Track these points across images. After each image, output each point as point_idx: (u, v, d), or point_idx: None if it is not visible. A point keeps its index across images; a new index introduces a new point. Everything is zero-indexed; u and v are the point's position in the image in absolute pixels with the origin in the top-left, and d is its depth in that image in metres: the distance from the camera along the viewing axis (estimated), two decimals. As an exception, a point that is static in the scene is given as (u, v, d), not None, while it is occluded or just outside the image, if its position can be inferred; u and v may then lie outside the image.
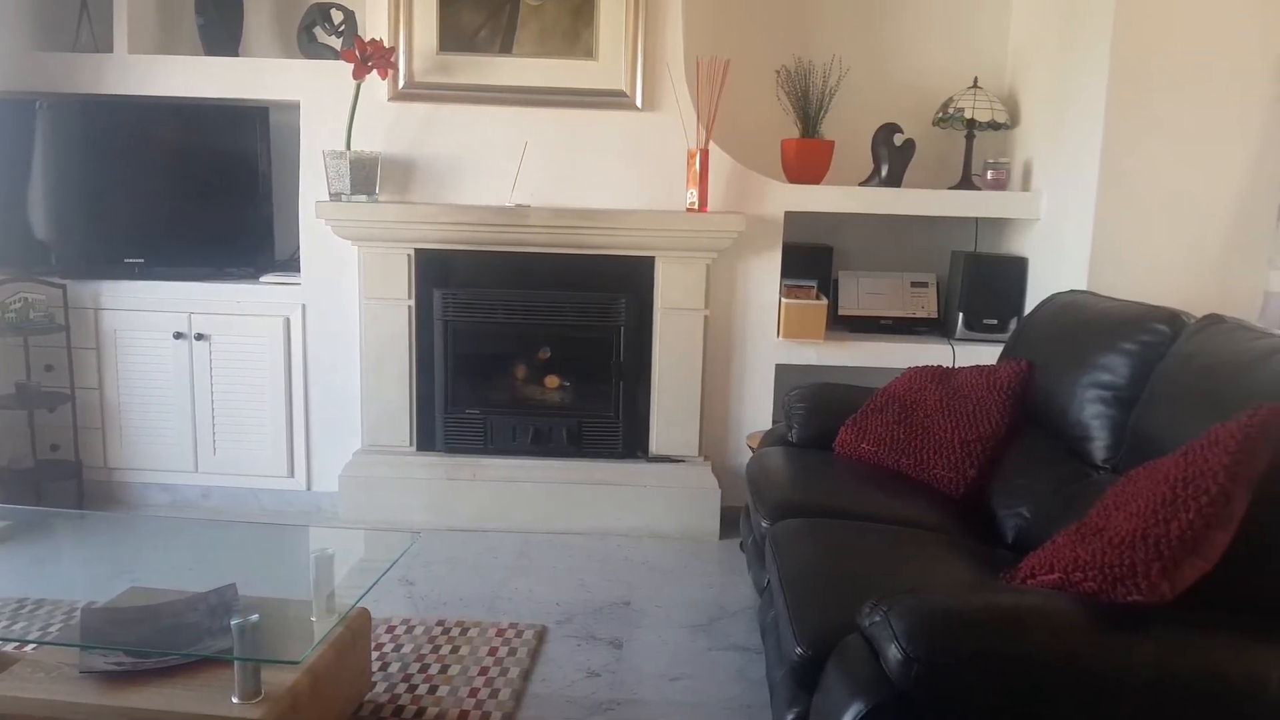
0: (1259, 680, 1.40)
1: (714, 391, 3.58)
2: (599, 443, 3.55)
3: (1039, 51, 3.51)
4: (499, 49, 3.41)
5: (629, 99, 3.41)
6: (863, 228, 3.85)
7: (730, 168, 3.44)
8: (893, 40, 3.78)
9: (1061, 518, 2.07)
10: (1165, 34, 2.90)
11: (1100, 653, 1.43)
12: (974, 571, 1.99)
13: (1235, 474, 1.52)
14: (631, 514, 3.45)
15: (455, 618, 2.77)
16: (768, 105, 3.74)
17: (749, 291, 3.53)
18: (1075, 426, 2.34)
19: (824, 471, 2.60)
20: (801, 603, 1.85)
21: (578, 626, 2.76)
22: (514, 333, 3.53)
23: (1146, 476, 1.69)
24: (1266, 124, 2.92)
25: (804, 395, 2.92)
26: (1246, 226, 2.98)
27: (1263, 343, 1.88)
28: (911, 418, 2.65)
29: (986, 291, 3.52)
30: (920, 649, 1.41)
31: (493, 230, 3.33)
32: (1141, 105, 2.94)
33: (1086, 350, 2.38)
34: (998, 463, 2.51)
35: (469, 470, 3.48)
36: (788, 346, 3.52)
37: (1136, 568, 1.51)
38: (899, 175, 3.54)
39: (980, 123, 3.52)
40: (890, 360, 3.48)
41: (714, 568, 3.21)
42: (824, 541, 2.12)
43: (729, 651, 2.65)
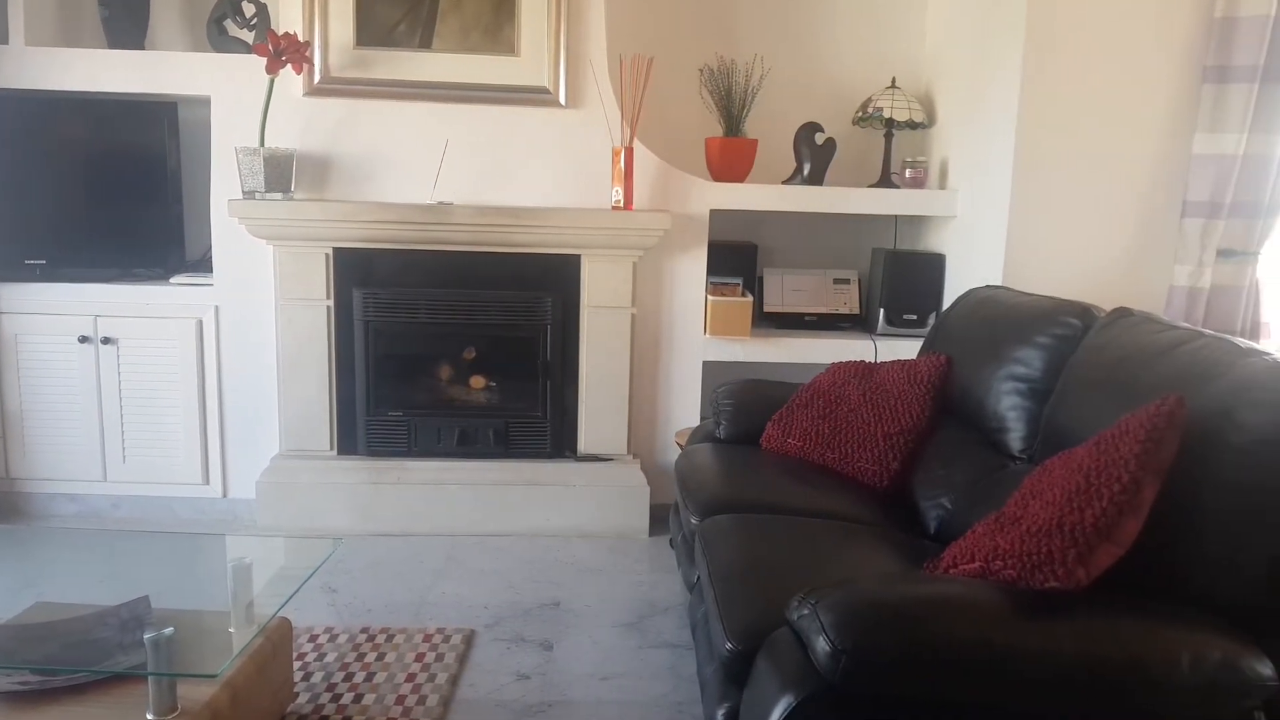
0: (1172, 662, 1.45)
1: (642, 389, 3.58)
2: (526, 443, 3.52)
3: (954, 53, 3.60)
4: (418, 44, 3.35)
5: (552, 96, 3.38)
6: (786, 225, 3.90)
7: (655, 166, 3.44)
8: (813, 40, 3.83)
9: (981, 507, 2.12)
10: (1074, 38, 2.99)
11: (1020, 639, 1.47)
12: (899, 562, 2.02)
13: (1145, 462, 1.58)
14: (560, 514, 3.43)
15: (380, 624, 2.71)
16: (692, 104, 3.75)
17: (675, 289, 3.54)
18: (992, 418, 2.40)
19: (752, 467, 2.62)
20: (731, 598, 1.86)
21: (507, 629, 2.73)
22: (438, 333, 3.48)
23: (1061, 466, 1.74)
24: (1169, 126, 3.04)
25: (731, 392, 2.94)
26: (1152, 224, 3.10)
27: (1168, 335, 1.95)
28: (836, 412, 2.69)
29: (906, 287, 3.59)
30: (848, 641, 1.43)
31: (414, 228, 3.28)
32: (1052, 106, 3.03)
33: (1002, 344, 2.45)
34: (919, 455, 2.56)
35: (393, 473, 3.42)
36: (714, 344, 3.54)
37: (1053, 555, 1.55)
38: (821, 174, 3.59)
39: (898, 122, 3.59)
40: (815, 356, 3.52)
41: (644, 566, 3.21)
42: (753, 537, 2.13)
43: (660, 649, 2.65)
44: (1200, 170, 2.99)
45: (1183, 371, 1.79)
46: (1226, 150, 2.94)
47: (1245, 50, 2.87)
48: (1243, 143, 2.92)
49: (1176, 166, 3.05)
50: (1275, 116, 2.89)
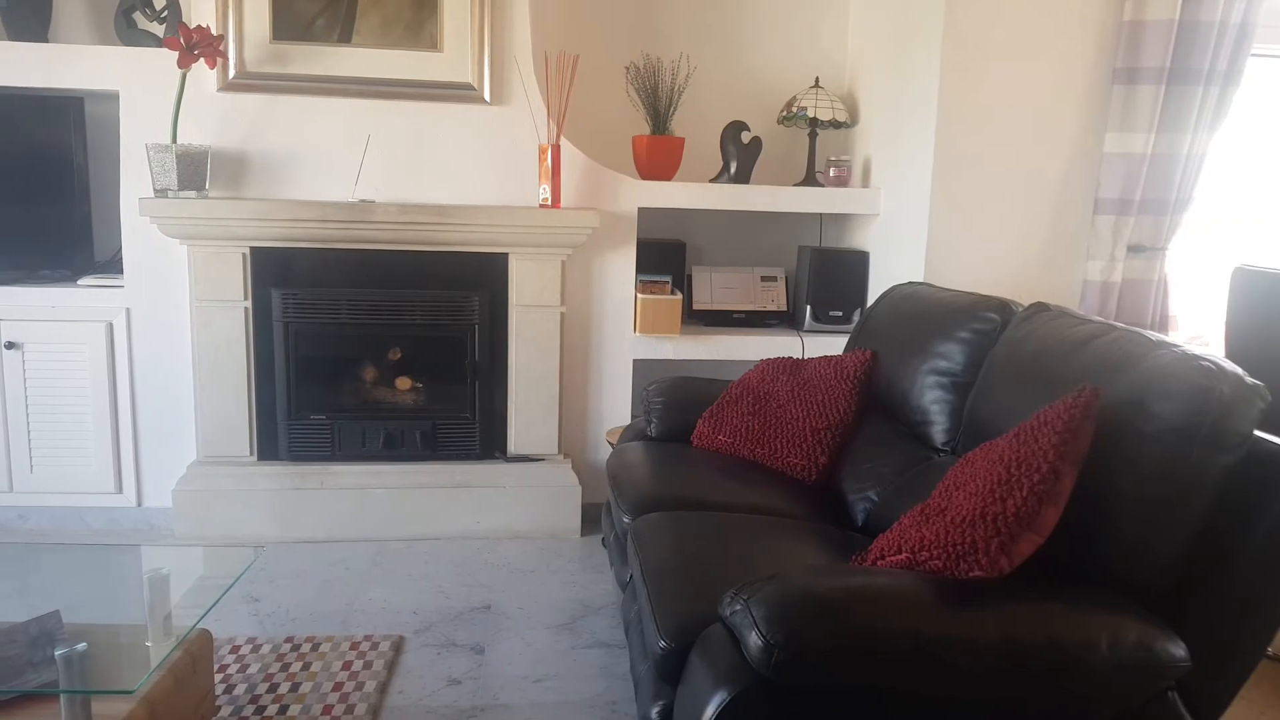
0: (1091, 645, 1.50)
1: (572, 388, 3.56)
2: (455, 444, 3.47)
3: (875, 53, 3.66)
4: (338, 38, 3.27)
5: (477, 92, 3.34)
6: (714, 223, 3.92)
7: (582, 163, 3.43)
8: (738, 39, 3.85)
9: (907, 499, 2.16)
10: (990, 40, 3.06)
11: (947, 627, 1.49)
12: (828, 555, 2.05)
13: (1063, 453, 1.62)
14: (491, 516, 3.39)
15: (305, 634, 2.65)
16: (618, 102, 3.74)
17: (605, 287, 3.53)
18: (916, 411, 2.45)
19: (683, 464, 2.62)
20: (664, 596, 1.85)
21: (437, 634, 2.69)
22: (362, 333, 3.41)
23: (983, 457, 1.78)
24: (1081, 127, 3.14)
25: (662, 389, 2.94)
26: (1066, 220, 3.19)
27: (1083, 328, 2.01)
28: (765, 408, 2.71)
29: (832, 284, 3.64)
30: (780, 634, 1.44)
31: (335, 227, 3.20)
32: (969, 107, 3.10)
33: (925, 339, 2.49)
34: (846, 449, 2.59)
35: (316, 479, 3.33)
36: (644, 341, 3.54)
37: (977, 545, 1.58)
38: (747, 172, 3.61)
39: (822, 121, 3.64)
40: (744, 353, 3.55)
41: (576, 566, 3.20)
42: (685, 534, 2.13)
43: (593, 649, 2.63)
44: (1111, 169, 3.09)
45: (1097, 364, 1.84)
46: (1135, 149, 3.04)
47: (1152, 52, 2.98)
48: (1151, 142, 3.03)
49: (1089, 165, 3.16)
50: (1181, 117, 3.00)
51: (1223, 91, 3.00)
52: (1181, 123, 3.01)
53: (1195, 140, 3.02)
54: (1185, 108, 2.99)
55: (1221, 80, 2.98)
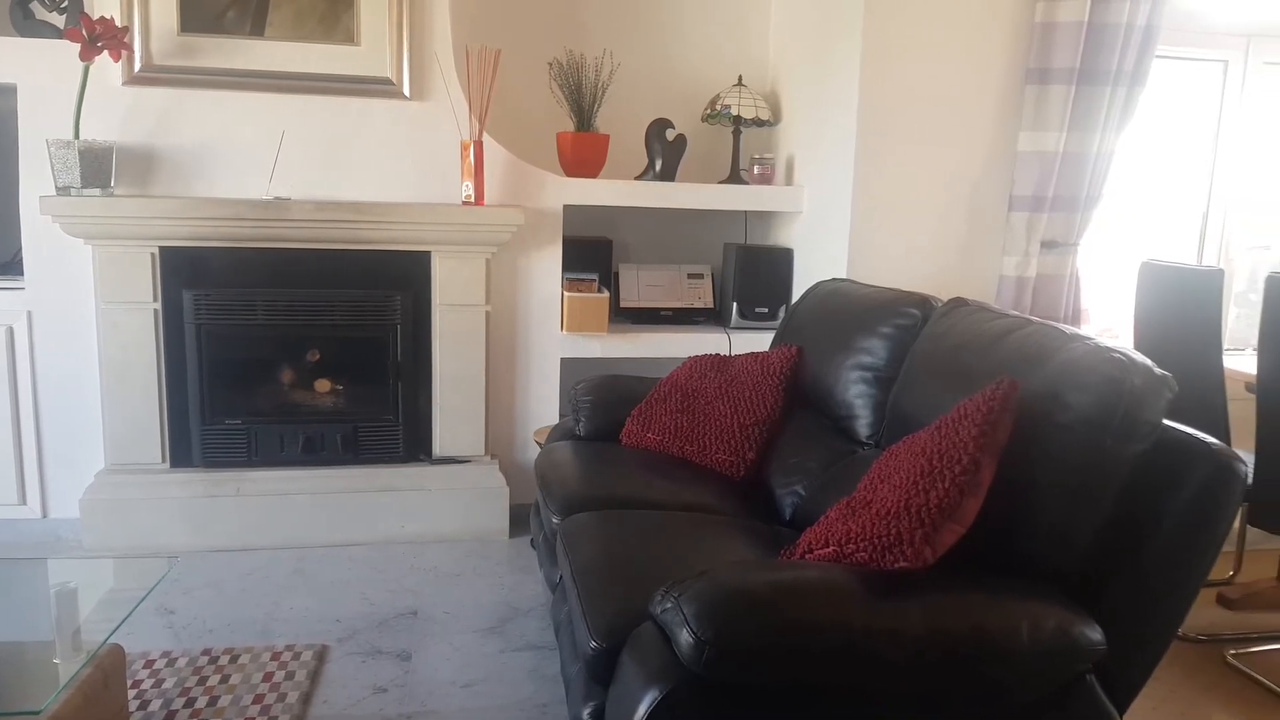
0: (1013, 632, 1.53)
1: (499, 388, 3.52)
2: (378, 447, 3.40)
3: (796, 53, 3.70)
4: (249, 31, 3.17)
5: (396, 87, 3.27)
6: (640, 221, 3.91)
7: (506, 160, 3.38)
8: (661, 37, 3.85)
9: (833, 493, 2.18)
10: (908, 40, 3.12)
11: (874, 619, 1.51)
12: (757, 551, 2.06)
13: (983, 444, 1.65)
14: (416, 520, 3.33)
15: (223, 645, 2.56)
16: (542, 98, 3.71)
17: (531, 285, 3.49)
18: (841, 406, 2.48)
19: (612, 463, 2.61)
20: (594, 596, 1.84)
21: (361, 642, 2.62)
22: (278, 335, 3.31)
23: (906, 450, 1.81)
24: (996, 126, 3.21)
25: (590, 388, 2.93)
26: (982, 217, 3.27)
27: (1000, 322, 2.05)
28: (693, 405, 2.71)
29: (757, 281, 3.67)
30: (710, 631, 1.44)
31: (249, 225, 3.10)
32: (889, 106, 3.15)
33: (848, 334, 2.53)
34: (774, 444, 2.61)
35: (232, 485, 3.23)
36: (572, 340, 3.51)
37: (902, 536, 1.60)
38: (673, 169, 3.62)
39: (746, 120, 3.66)
40: (671, 350, 3.55)
41: (504, 568, 3.16)
42: (614, 533, 2.12)
43: (523, 652, 2.60)
44: (1025, 166, 3.18)
45: (1014, 357, 1.89)
46: (1048, 148, 3.13)
47: (1062, 53, 3.07)
48: (1062, 140, 3.12)
49: (1004, 163, 3.24)
50: (1090, 116, 3.10)
51: (1130, 92, 3.10)
52: (1091, 122, 3.10)
53: (1104, 139, 3.12)
54: (1094, 107, 3.09)
55: (1128, 81, 3.09)
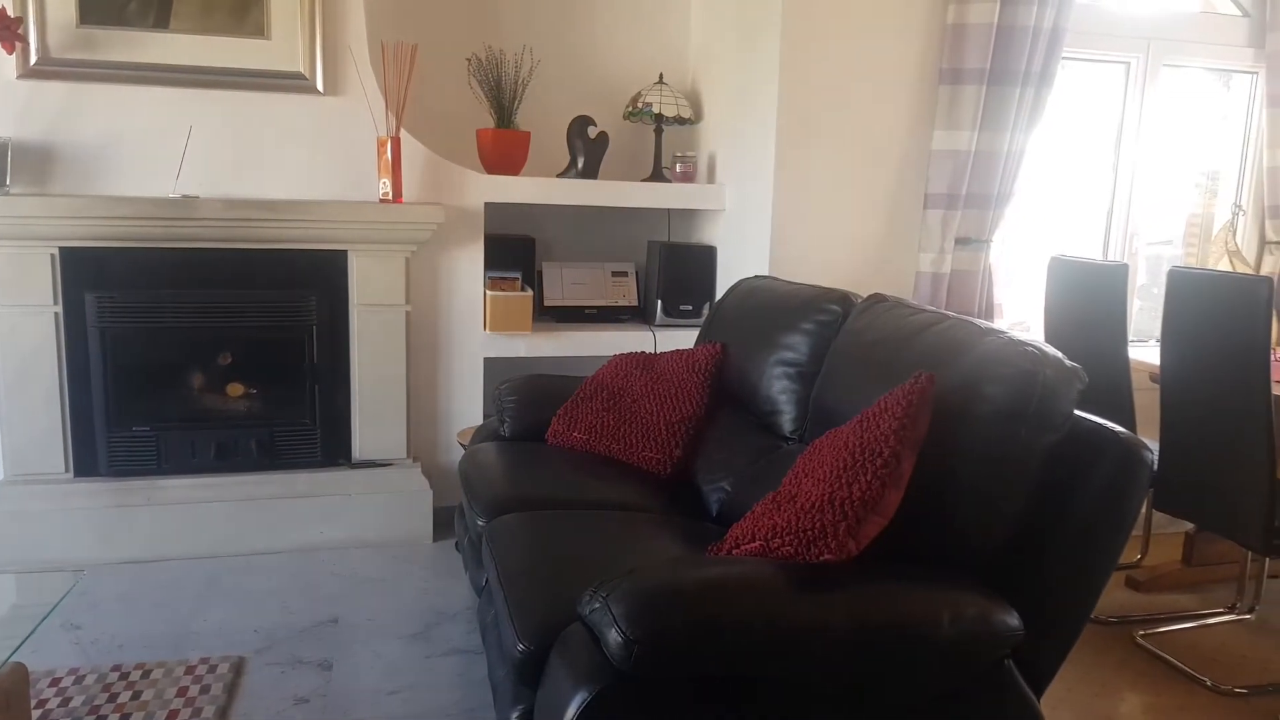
0: (934, 621, 1.56)
1: (420, 390, 3.45)
2: (295, 452, 3.31)
3: (716, 51, 3.71)
4: (153, 24, 3.05)
5: (309, 82, 3.19)
6: (563, 218, 3.88)
7: (425, 157, 3.32)
8: (581, 33, 3.83)
9: (759, 488, 2.20)
10: (826, 39, 3.16)
11: (800, 612, 1.52)
12: (685, 547, 2.06)
13: (903, 437, 1.68)
14: (336, 526, 3.25)
15: (134, 660, 2.46)
16: (461, 94, 3.66)
17: (453, 284, 3.44)
18: (765, 402, 2.49)
19: (538, 463, 2.58)
20: (521, 598, 1.81)
21: (281, 652, 2.55)
22: (188, 338, 3.19)
23: (829, 444, 1.83)
24: (912, 123, 3.28)
25: (514, 388, 2.89)
26: (899, 214, 3.33)
27: (918, 318, 2.09)
28: (619, 403, 2.70)
29: (681, 279, 3.68)
30: (639, 629, 1.43)
31: (155, 225, 2.99)
32: (808, 105, 3.19)
33: (771, 331, 2.55)
34: (700, 441, 2.62)
35: (141, 494, 3.11)
36: (495, 339, 3.47)
37: (826, 529, 1.62)
38: (595, 167, 3.60)
39: (667, 118, 3.67)
40: (597, 348, 3.54)
41: (429, 572, 3.10)
42: (541, 534, 2.10)
43: (449, 656, 2.56)
44: (939, 165, 3.25)
45: (932, 351, 1.92)
46: (960, 146, 3.21)
47: (973, 54, 3.14)
48: (974, 139, 3.20)
49: (919, 161, 3.30)
50: (1001, 115, 3.18)
51: (1038, 92, 3.20)
52: (1002, 121, 3.19)
53: (1014, 138, 3.21)
54: (1005, 107, 3.17)
55: (1037, 81, 3.18)
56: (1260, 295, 2.44)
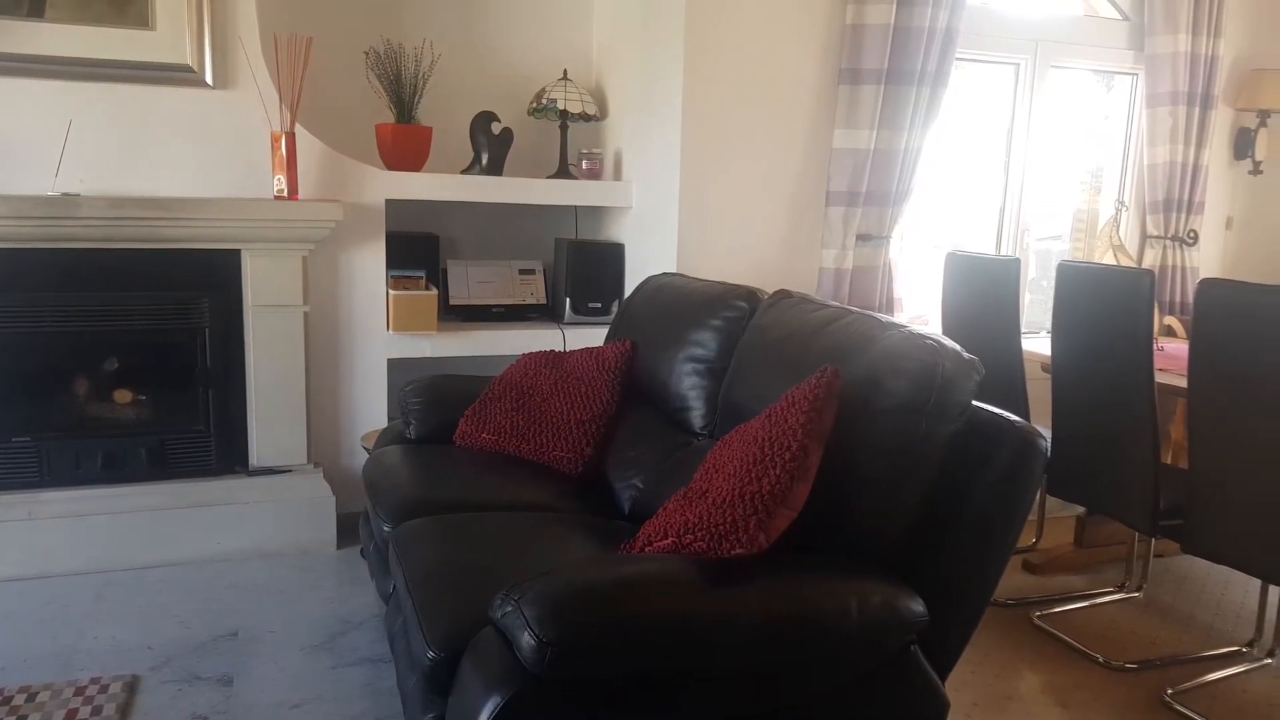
0: (844, 610, 1.58)
1: (321, 393, 3.36)
2: (188, 460, 3.17)
3: (620, 48, 3.71)
4: (27, 12, 2.88)
5: (197, 75, 3.06)
6: (468, 216, 3.82)
7: (322, 153, 3.23)
8: (483, 27, 3.78)
9: (670, 485, 2.20)
10: (730, 38, 3.19)
11: (713, 606, 1.53)
12: (597, 547, 2.04)
13: (810, 431, 1.70)
14: (234, 535, 3.13)
15: (18, 683, 2.32)
16: (359, 88, 3.56)
17: (353, 284, 3.35)
18: (676, 398, 2.50)
19: (445, 466, 2.54)
20: (430, 604, 1.78)
21: (177, 669, 2.44)
22: (71, 343, 3.03)
23: (738, 440, 1.84)
24: (813, 122, 3.33)
25: (420, 389, 2.83)
26: (802, 211, 3.39)
27: (823, 313, 2.12)
28: (528, 403, 2.67)
29: (589, 276, 3.66)
30: (552, 631, 1.41)
31: (32, 224, 2.82)
32: (713, 102, 3.21)
33: (680, 328, 2.55)
34: (611, 439, 2.61)
35: (22, 508, 2.93)
36: (399, 340, 3.39)
37: (737, 523, 1.63)
38: (500, 163, 3.55)
39: (572, 114, 3.64)
40: (505, 348, 3.49)
41: (333, 580, 3.02)
42: (450, 538, 2.06)
43: (356, 666, 2.49)
44: (839, 163, 3.31)
45: (837, 345, 1.95)
46: (860, 145, 3.27)
47: (871, 54, 3.21)
48: (873, 138, 3.27)
49: (820, 159, 3.36)
50: (898, 114, 3.26)
51: (933, 92, 3.28)
52: (899, 120, 3.27)
53: (911, 136, 3.30)
54: (902, 106, 3.25)
55: (932, 81, 3.27)
56: (1143, 287, 2.56)
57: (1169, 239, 3.82)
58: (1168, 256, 3.83)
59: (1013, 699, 2.50)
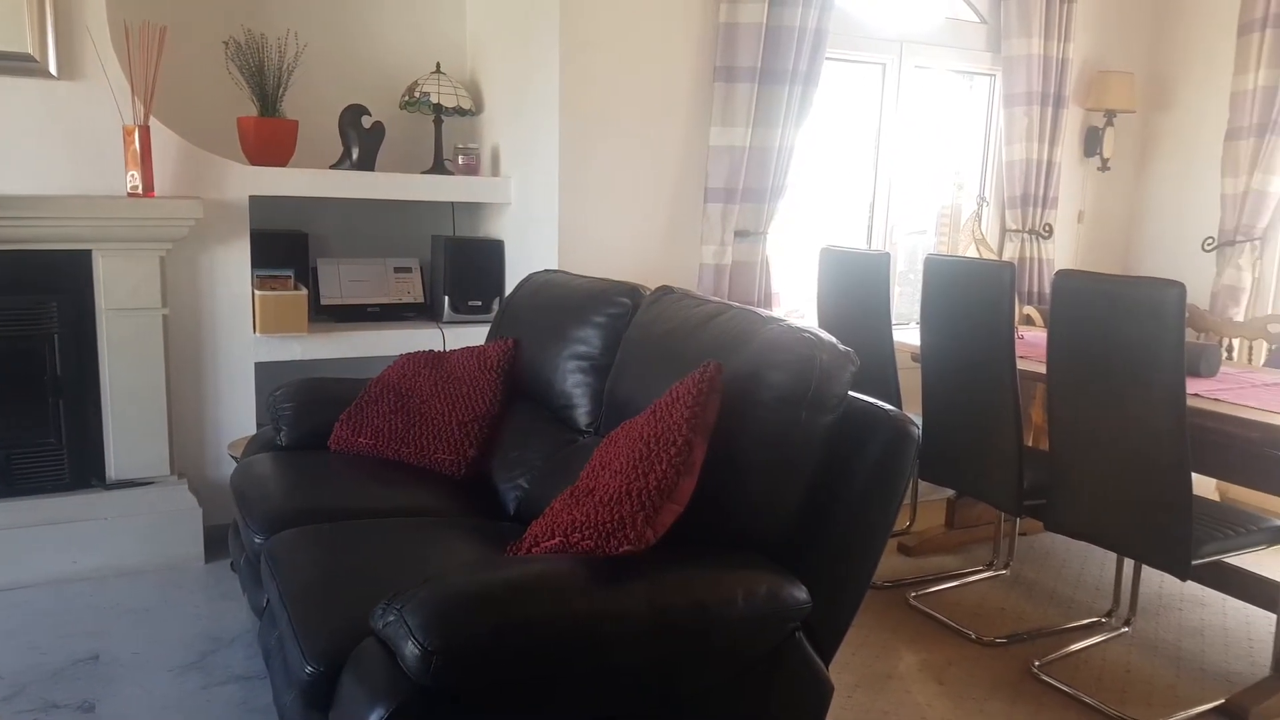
0: (729, 601, 1.60)
1: (184, 400, 3.19)
2: (38, 476, 2.97)
3: (495, 41, 3.65)
4: None
5: (39, 65, 2.85)
6: (338, 212, 3.70)
7: (180, 147, 3.06)
8: (350, 18, 3.66)
9: (556, 484, 2.18)
10: (606, 34, 3.18)
11: (601, 605, 1.52)
12: (483, 550, 2.01)
13: (694, 425, 1.71)
14: (92, 553, 2.94)
15: None
16: (219, 80, 3.40)
17: (217, 285, 3.19)
18: (560, 396, 2.48)
19: (320, 473, 2.44)
20: (308, 617, 1.71)
21: (33, 698, 2.28)
22: (-100, 352, 2.79)
23: (624, 436, 1.83)
24: (691, 119, 3.36)
25: (291, 393, 2.72)
26: (682, 208, 3.41)
27: (704, 308, 2.14)
28: (408, 405, 2.60)
29: (469, 274, 3.59)
30: (437, 640, 1.38)
31: None
32: (591, 99, 3.19)
33: (563, 325, 2.53)
34: (495, 439, 2.57)
35: None
36: (268, 342, 3.25)
37: (624, 520, 1.62)
38: (371, 158, 3.45)
39: (447, 108, 3.57)
40: (382, 348, 3.39)
41: (202, 597, 2.87)
42: (327, 547, 1.98)
43: (228, 685, 2.38)
44: (717, 160, 3.35)
45: (719, 340, 1.97)
46: (736, 142, 3.32)
47: (745, 53, 3.26)
48: (749, 136, 3.32)
49: (698, 156, 3.39)
50: (772, 112, 3.32)
51: (805, 90, 3.36)
52: (773, 118, 3.33)
53: (785, 134, 3.36)
54: (775, 104, 3.31)
55: (803, 80, 3.34)
56: (1004, 279, 2.68)
57: (1026, 232, 4.02)
58: (1026, 249, 4.03)
59: (892, 678, 2.58)
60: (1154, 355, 2.27)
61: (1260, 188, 3.75)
